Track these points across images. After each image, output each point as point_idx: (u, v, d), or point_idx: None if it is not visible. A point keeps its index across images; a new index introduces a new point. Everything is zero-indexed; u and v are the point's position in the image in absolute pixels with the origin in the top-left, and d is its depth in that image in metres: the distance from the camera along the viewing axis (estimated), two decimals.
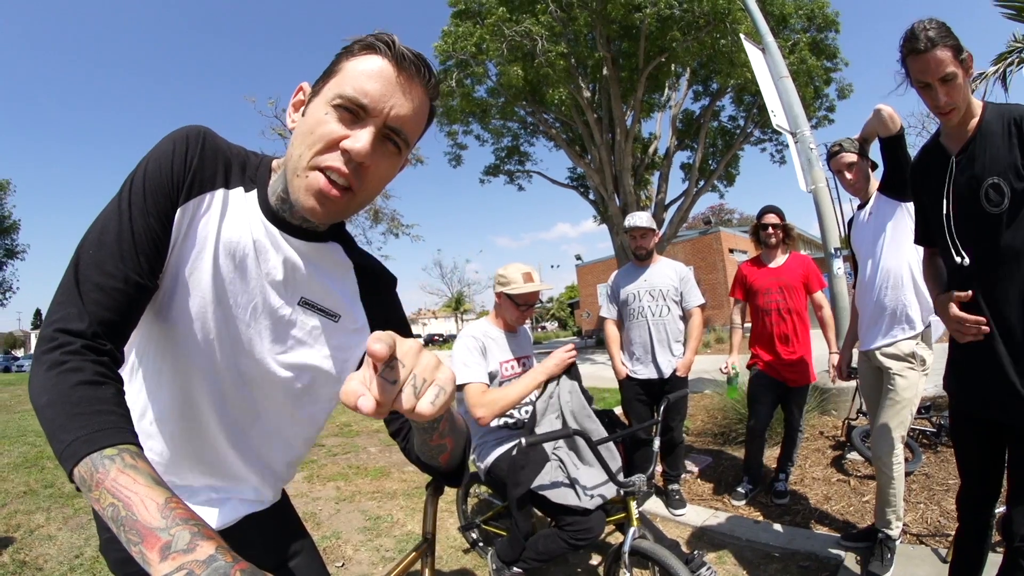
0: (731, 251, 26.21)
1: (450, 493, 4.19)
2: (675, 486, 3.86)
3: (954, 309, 1.79)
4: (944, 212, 1.86)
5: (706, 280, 26.21)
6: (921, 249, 2.24)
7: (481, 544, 3.34)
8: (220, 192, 0.93)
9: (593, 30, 15.61)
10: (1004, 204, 1.70)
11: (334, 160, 0.86)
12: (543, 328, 56.93)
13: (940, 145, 1.94)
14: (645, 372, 3.88)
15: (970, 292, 1.76)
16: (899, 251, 2.75)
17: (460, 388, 2.59)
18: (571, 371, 2.70)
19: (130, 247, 0.81)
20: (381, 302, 1.13)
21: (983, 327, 1.72)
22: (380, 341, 0.59)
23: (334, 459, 6.20)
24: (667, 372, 3.80)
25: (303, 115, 0.92)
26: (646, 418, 3.86)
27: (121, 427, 0.70)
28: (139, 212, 0.83)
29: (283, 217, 0.98)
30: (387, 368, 0.61)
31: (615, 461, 2.53)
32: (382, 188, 0.97)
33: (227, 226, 0.94)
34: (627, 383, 3.99)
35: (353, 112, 0.86)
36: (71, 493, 4.85)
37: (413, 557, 1.00)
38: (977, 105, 1.82)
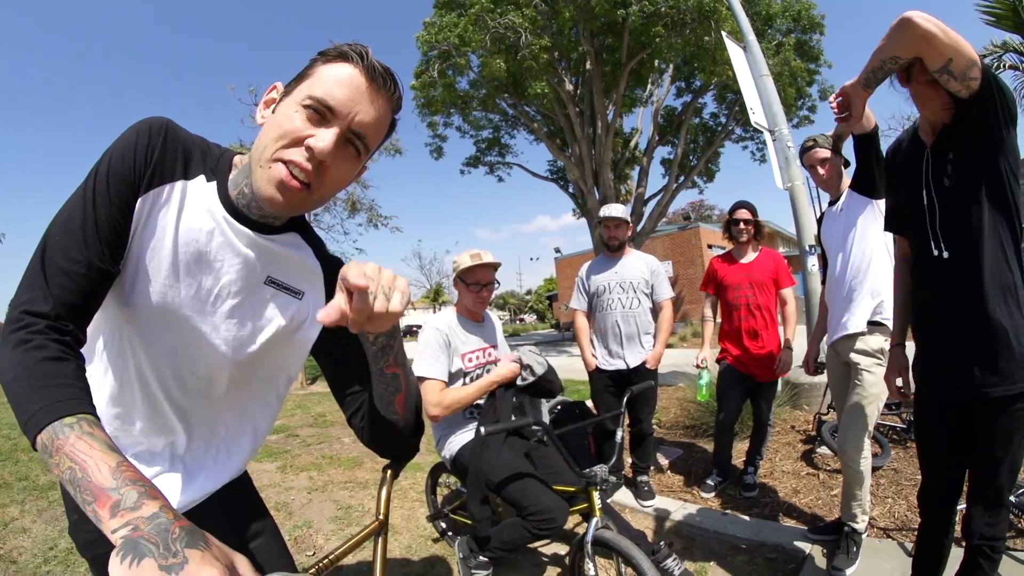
0: (710, 247, 26.42)
1: (419, 483, 4.18)
2: (644, 477, 3.88)
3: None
4: (924, 203, 1.87)
5: (684, 275, 26.43)
6: (890, 242, 2.27)
7: (450, 533, 3.33)
8: (179, 184, 0.97)
9: (577, 24, 15.59)
10: (960, 184, 1.77)
11: (297, 155, 0.92)
12: (521, 320, 56.96)
13: (916, 137, 1.96)
14: (614, 364, 3.90)
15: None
16: (868, 245, 2.77)
17: (420, 380, 2.61)
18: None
19: (93, 234, 0.85)
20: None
21: None
22: (357, 275, 0.75)
23: (308, 449, 6.16)
24: (635, 364, 3.82)
25: (273, 112, 0.97)
26: (615, 408, 3.85)
27: (80, 398, 0.75)
28: (103, 201, 0.87)
29: (241, 211, 1.02)
30: (361, 294, 0.76)
31: (583, 452, 2.53)
32: (339, 189, 1.03)
33: (186, 216, 0.97)
34: (597, 375, 4.01)
35: (320, 113, 0.92)
36: (45, 485, 4.81)
37: (363, 536, 1.00)
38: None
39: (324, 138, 0.91)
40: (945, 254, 1.82)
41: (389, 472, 1.17)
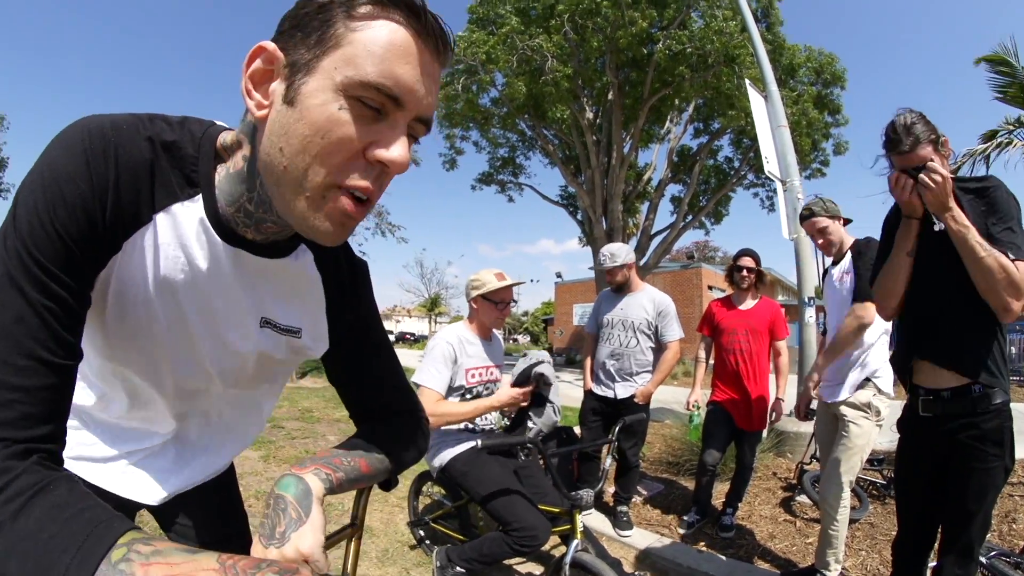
0: (710, 288, 26.49)
1: (403, 488, 4.20)
2: (624, 508, 3.91)
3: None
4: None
5: (682, 314, 25.76)
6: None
7: (427, 542, 3.35)
8: (150, 226, 0.73)
9: (604, 56, 15.81)
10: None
11: (363, 176, 0.66)
12: (515, 340, 56.85)
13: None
14: (603, 391, 4.01)
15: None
16: None
17: (417, 387, 2.67)
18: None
19: (40, 328, 0.60)
20: (347, 310, 1.01)
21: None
22: None
23: (292, 442, 6.17)
24: (623, 396, 3.89)
25: (291, 103, 0.65)
26: (598, 432, 3.98)
27: (107, 519, 0.56)
28: (39, 286, 0.61)
29: (237, 230, 0.79)
30: None
31: (567, 476, 2.59)
32: None
33: (164, 264, 0.76)
34: (588, 394, 4.15)
35: (381, 108, 0.65)
36: None
37: (336, 539, 1.01)
38: None
39: (399, 150, 0.66)
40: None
41: None
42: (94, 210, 0.65)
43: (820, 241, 3.08)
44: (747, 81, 7.03)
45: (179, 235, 0.75)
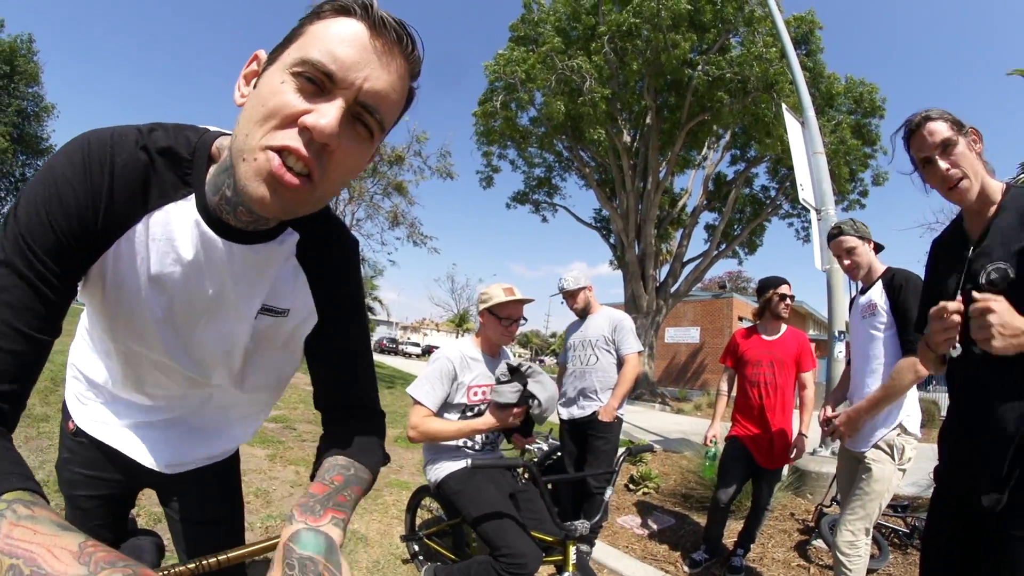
0: (740, 319, 26.00)
1: (403, 501, 4.11)
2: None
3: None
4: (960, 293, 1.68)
5: (711, 344, 26.03)
6: None
7: (420, 558, 3.24)
8: (140, 225, 0.82)
9: (643, 79, 15.79)
10: (1002, 286, 1.59)
11: (291, 139, 0.71)
12: (541, 362, 56.66)
13: (959, 232, 1.80)
14: (569, 412, 4.05)
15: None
16: (888, 360, 2.68)
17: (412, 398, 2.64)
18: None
19: (20, 299, 0.70)
20: (332, 287, 1.04)
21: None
22: None
23: (302, 444, 6.14)
24: (584, 415, 3.90)
25: (255, 87, 0.77)
26: (575, 455, 4.00)
27: (6, 473, 0.61)
28: (36, 275, 0.71)
29: (226, 221, 0.86)
30: None
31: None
32: (349, 180, 0.85)
33: (155, 259, 0.84)
34: (560, 423, 4.18)
35: (318, 83, 0.72)
36: (39, 416, 4.91)
37: (259, 548, 0.95)
38: (996, 189, 1.67)
39: (327, 114, 0.70)
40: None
41: None
42: (86, 211, 0.75)
43: (847, 262, 2.89)
44: (784, 107, 6.88)
45: (171, 231, 0.83)
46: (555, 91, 15.25)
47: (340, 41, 0.72)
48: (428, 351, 54.35)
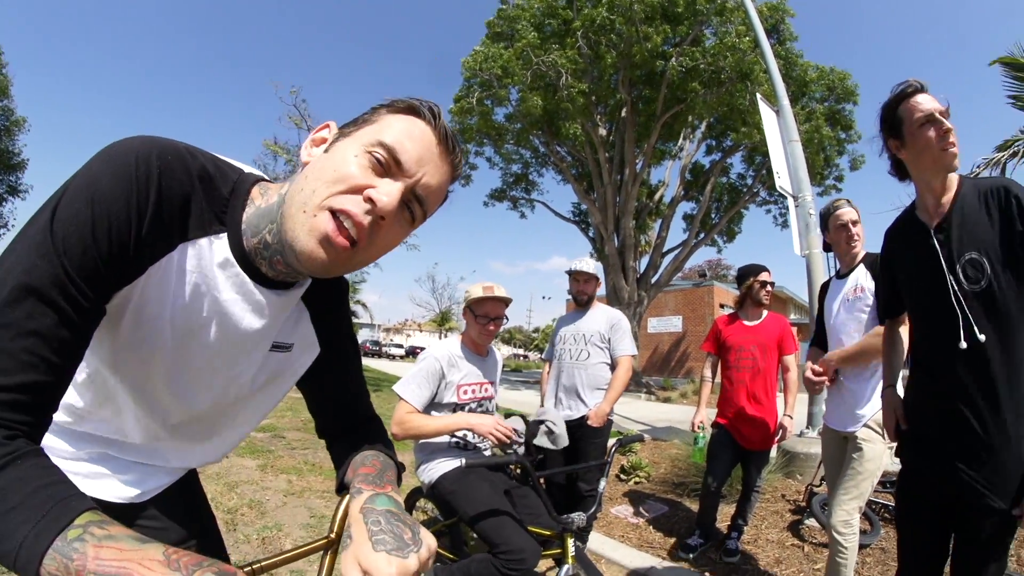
0: (722, 306, 26.27)
1: None
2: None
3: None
4: (951, 290, 1.72)
5: (693, 332, 26.26)
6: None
7: None
8: (176, 253, 0.79)
9: (617, 72, 15.84)
10: (982, 282, 1.66)
11: (353, 205, 0.77)
12: (524, 357, 56.68)
13: (915, 219, 1.87)
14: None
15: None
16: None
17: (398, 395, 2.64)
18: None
19: (49, 327, 0.65)
20: (330, 322, 1.10)
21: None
22: None
23: (291, 452, 6.10)
24: (573, 417, 3.71)
25: (327, 152, 0.83)
26: (564, 455, 3.75)
27: (66, 496, 0.59)
28: (60, 290, 0.65)
29: (257, 265, 0.87)
30: None
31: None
32: (382, 255, 0.89)
33: (187, 291, 0.82)
34: None
35: (385, 165, 0.80)
36: None
37: (308, 549, 0.95)
38: (953, 178, 1.78)
39: (390, 192, 0.79)
40: (978, 340, 1.66)
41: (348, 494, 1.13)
42: (127, 235, 0.70)
43: (850, 233, 2.88)
44: (759, 96, 6.94)
45: (204, 266, 0.83)
46: (531, 87, 15.25)
47: (410, 136, 0.82)
48: (412, 352, 54.14)
